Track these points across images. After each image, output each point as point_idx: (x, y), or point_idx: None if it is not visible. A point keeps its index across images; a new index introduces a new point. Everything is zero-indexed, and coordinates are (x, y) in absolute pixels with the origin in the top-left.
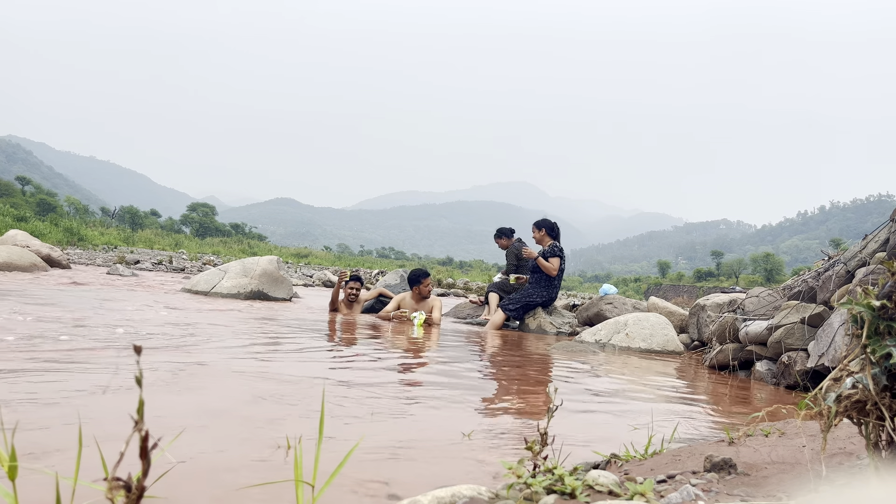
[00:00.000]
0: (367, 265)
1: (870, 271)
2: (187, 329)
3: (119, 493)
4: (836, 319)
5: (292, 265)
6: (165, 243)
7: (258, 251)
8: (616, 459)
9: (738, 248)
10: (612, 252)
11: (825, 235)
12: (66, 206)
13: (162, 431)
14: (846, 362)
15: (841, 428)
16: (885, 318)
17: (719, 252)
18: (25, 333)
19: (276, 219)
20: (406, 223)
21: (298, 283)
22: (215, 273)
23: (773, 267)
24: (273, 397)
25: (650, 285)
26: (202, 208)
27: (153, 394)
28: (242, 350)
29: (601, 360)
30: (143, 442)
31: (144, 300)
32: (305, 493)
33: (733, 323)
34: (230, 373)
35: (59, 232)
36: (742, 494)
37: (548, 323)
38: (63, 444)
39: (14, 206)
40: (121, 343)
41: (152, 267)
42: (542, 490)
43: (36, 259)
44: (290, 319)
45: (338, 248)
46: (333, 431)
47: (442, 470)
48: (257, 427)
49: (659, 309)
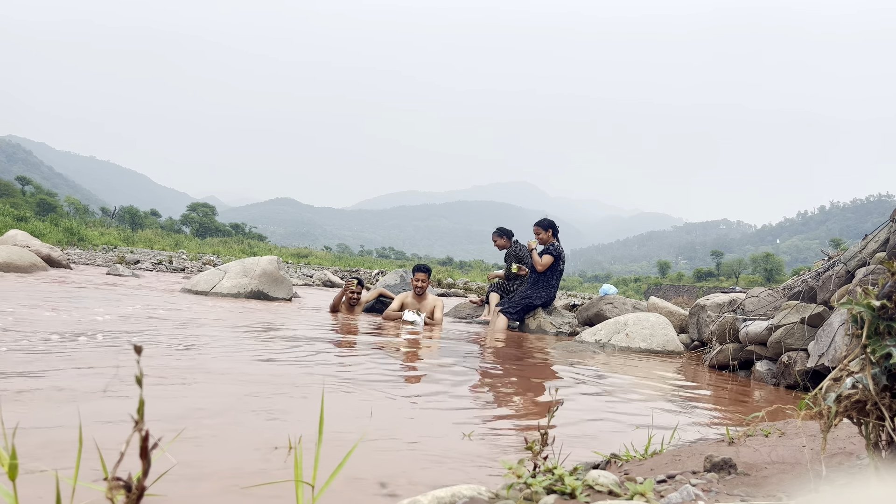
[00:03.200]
0: (367, 265)
1: (870, 271)
2: (187, 329)
3: (119, 492)
4: (836, 319)
5: (292, 265)
6: (165, 243)
7: (258, 251)
8: (616, 459)
9: (738, 248)
10: (612, 252)
11: (825, 235)
12: (66, 206)
13: (162, 431)
14: (846, 362)
15: (841, 428)
16: (885, 318)
17: (719, 252)
18: (34, 334)
19: (276, 219)
20: (406, 223)
21: (298, 283)
22: (215, 273)
23: (773, 267)
24: (273, 397)
25: (650, 285)
26: (202, 208)
27: (152, 393)
28: (242, 350)
29: (601, 361)
30: (143, 442)
31: (144, 300)
32: (305, 493)
33: (733, 323)
34: (230, 373)
35: (59, 232)
36: (742, 494)
37: (548, 323)
38: (64, 443)
39: (14, 206)
40: (120, 342)
41: (152, 267)
42: (542, 490)
43: (36, 259)
44: (289, 319)
45: (338, 248)
46: (333, 431)
47: (442, 470)
48: (257, 427)
49: (659, 309)
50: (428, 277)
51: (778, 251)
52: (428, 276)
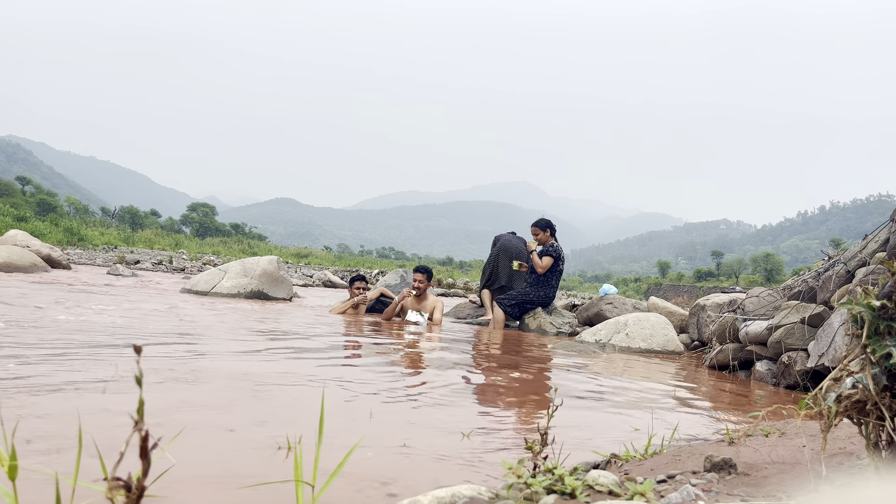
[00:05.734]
0: (367, 265)
1: (870, 271)
2: (186, 329)
3: (119, 492)
4: (836, 319)
5: (292, 265)
6: (165, 243)
7: (258, 251)
8: (616, 459)
9: (738, 248)
10: (612, 252)
11: (825, 235)
12: (66, 206)
13: (161, 431)
14: (846, 362)
15: (841, 428)
16: (885, 318)
17: (719, 252)
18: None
19: (276, 219)
20: (406, 223)
21: (298, 283)
22: (215, 273)
23: (773, 267)
24: (273, 397)
25: (650, 285)
26: (202, 208)
27: (151, 393)
28: (242, 350)
29: (601, 361)
30: (143, 442)
31: (144, 300)
32: (305, 493)
33: (733, 323)
34: (229, 373)
35: (59, 232)
36: (742, 494)
37: (548, 323)
38: (64, 441)
39: (14, 206)
40: (120, 342)
41: (152, 267)
42: (542, 490)
43: (36, 259)
44: (290, 320)
45: (338, 248)
46: (333, 431)
47: (442, 470)
48: (257, 427)
49: (659, 309)
50: (428, 280)
51: (778, 251)
52: (427, 277)
